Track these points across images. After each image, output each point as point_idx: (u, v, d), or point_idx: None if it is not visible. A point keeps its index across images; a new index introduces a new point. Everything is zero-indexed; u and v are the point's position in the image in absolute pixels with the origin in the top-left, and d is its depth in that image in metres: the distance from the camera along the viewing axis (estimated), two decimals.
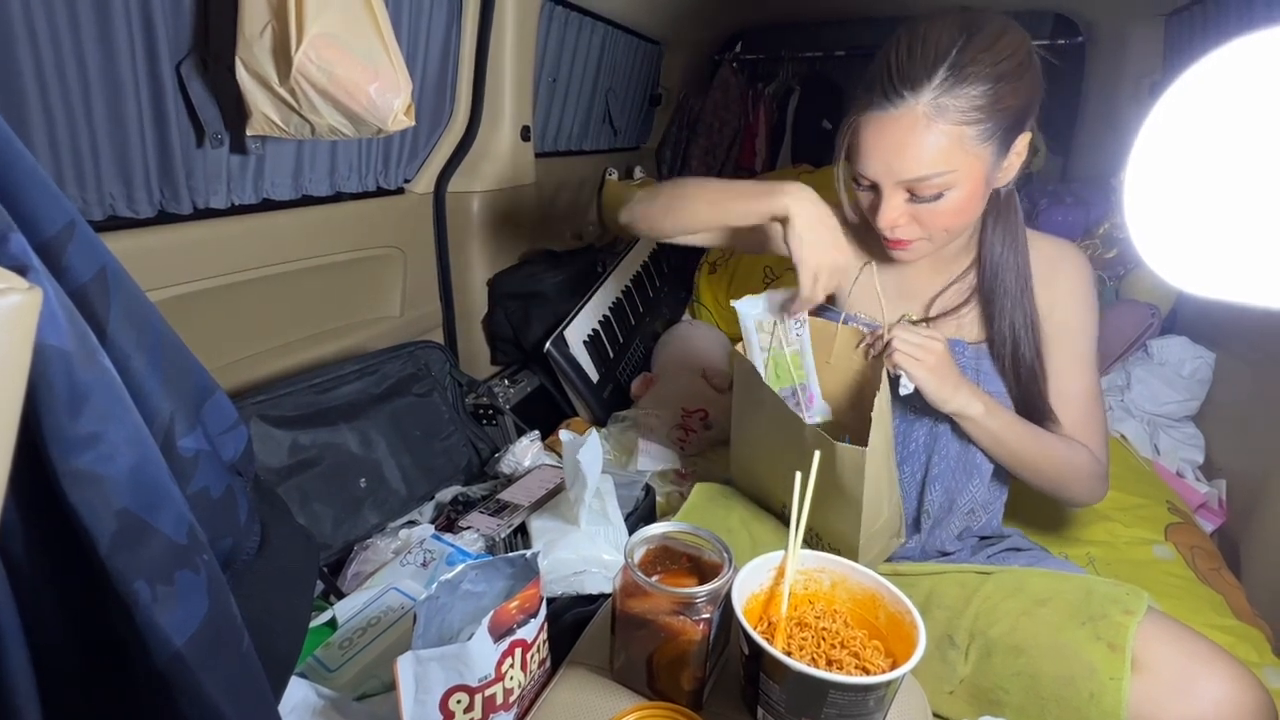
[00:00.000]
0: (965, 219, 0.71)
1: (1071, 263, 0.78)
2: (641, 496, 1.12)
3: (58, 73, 0.79)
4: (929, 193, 0.68)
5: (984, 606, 0.73)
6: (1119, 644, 0.64)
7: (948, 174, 0.66)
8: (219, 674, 0.38)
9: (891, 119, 0.65)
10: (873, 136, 0.67)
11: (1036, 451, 0.75)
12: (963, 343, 0.79)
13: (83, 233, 0.39)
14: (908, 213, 0.70)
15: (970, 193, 0.68)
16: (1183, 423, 1.51)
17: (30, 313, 0.26)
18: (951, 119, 0.64)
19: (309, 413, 1.08)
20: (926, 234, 0.72)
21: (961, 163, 0.66)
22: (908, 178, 0.67)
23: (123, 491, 0.33)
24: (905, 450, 0.82)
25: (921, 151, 0.65)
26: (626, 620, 0.60)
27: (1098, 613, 0.67)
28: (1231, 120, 0.33)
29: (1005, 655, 0.69)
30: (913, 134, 0.65)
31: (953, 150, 0.65)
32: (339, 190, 1.24)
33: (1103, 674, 0.63)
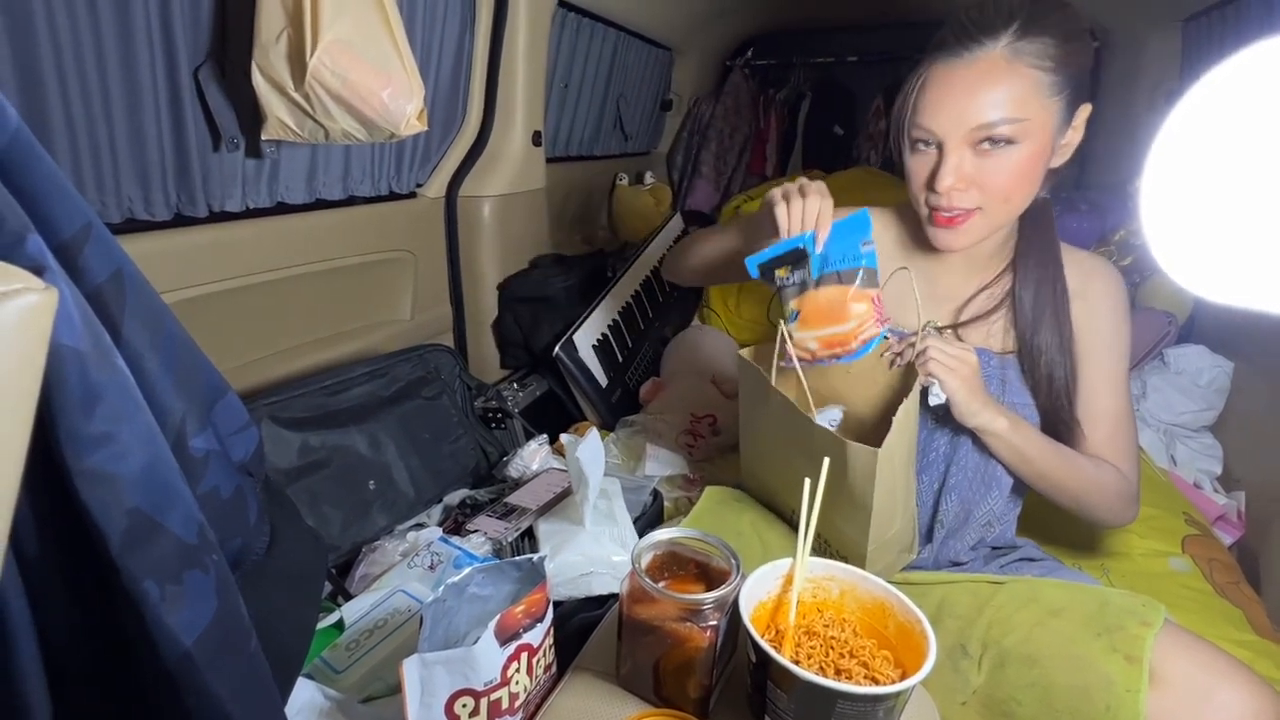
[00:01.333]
0: (1025, 187, 0.69)
1: (1105, 278, 0.77)
2: (649, 501, 1.12)
3: (79, 78, 0.81)
4: (1000, 137, 0.66)
5: (997, 616, 0.72)
6: (1136, 656, 0.62)
7: (1021, 121, 0.65)
8: (226, 674, 0.38)
9: (965, 64, 0.66)
10: (943, 85, 0.67)
11: (1061, 469, 0.74)
12: (989, 352, 0.78)
13: (99, 234, 0.40)
14: (968, 176, 0.68)
15: (1035, 153, 0.67)
16: (1200, 433, 1.48)
17: (46, 313, 0.27)
18: (1028, 62, 0.65)
19: (319, 414, 1.09)
20: (982, 204, 0.69)
21: (1035, 112, 0.66)
22: (981, 121, 0.66)
23: (134, 491, 0.33)
24: (924, 459, 0.81)
25: (997, 94, 0.65)
26: (633, 626, 0.59)
27: (1114, 624, 0.66)
28: (1249, 126, 0.32)
29: (1019, 666, 0.68)
30: (989, 76, 0.65)
31: (1028, 96, 0.65)
32: (352, 194, 1.26)
33: (1120, 686, 0.61)
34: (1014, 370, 0.78)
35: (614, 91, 2.08)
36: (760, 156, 2.59)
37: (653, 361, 1.81)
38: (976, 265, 0.80)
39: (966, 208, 0.70)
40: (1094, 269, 0.77)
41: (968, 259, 0.80)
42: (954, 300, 0.81)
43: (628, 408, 1.61)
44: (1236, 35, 1.54)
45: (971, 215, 0.70)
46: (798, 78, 2.60)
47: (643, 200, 2.31)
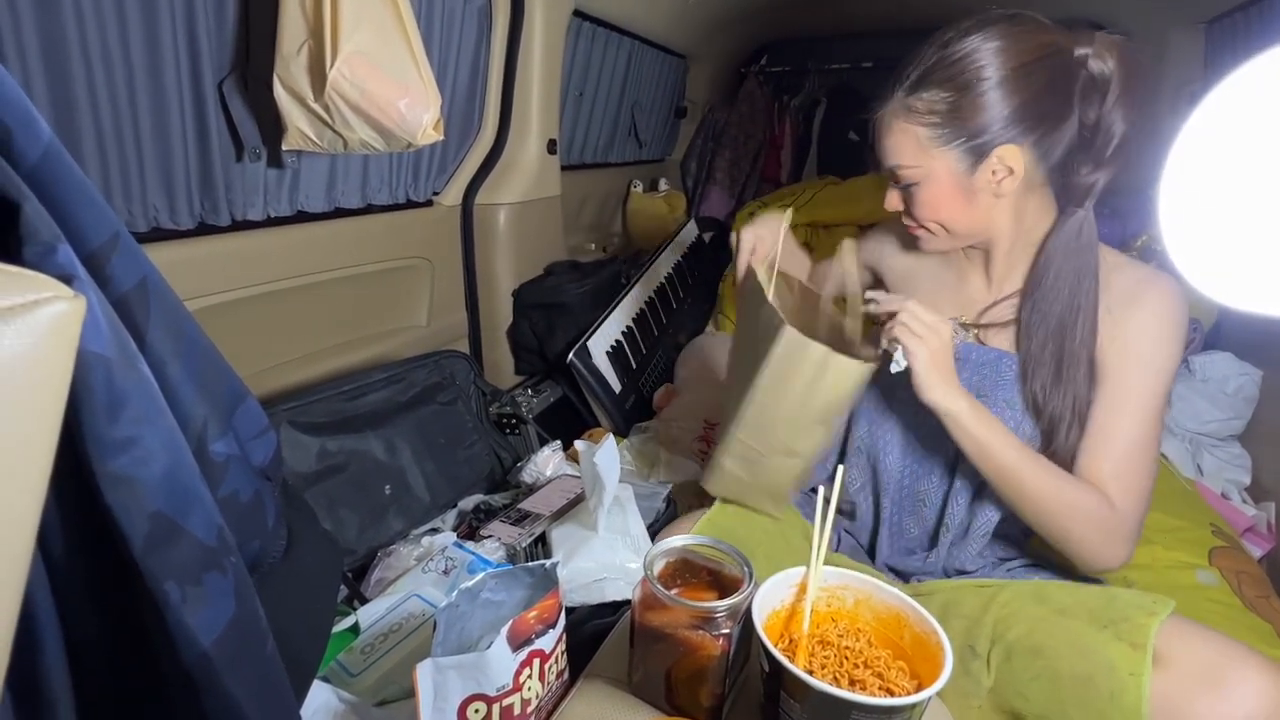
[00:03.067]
0: (946, 215, 0.75)
1: (1157, 295, 0.71)
2: (663, 508, 1.12)
3: (108, 92, 0.83)
4: (900, 182, 0.75)
5: (1003, 613, 0.71)
6: (1140, 642, 0.61)
7: (911, 168, 0.73)
8: (243, 675, 0.38)
9: (878, 114, 0.75)
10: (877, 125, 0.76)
11: (1028, 475, 0.69)
12: (1013, 358, 0.77)
13: (126, 244, 0.41)
14: (900, 204, 0.78)
15: (939, 193, 0.73)
16: (1227, 442, 1.45)
17: (74, 320, 0.28)
18: (913, 118, 0.71)
19: (337, 420, 1.10)
20: (925, 224, 0.76)
21: (923, 161, 0.72)
22: (887, 165, 0.75)
23: (156, 494, 0.34)
24: (931, 461, 0.81)
25: (893, 144, 0.73)
26: (645, 633, 0.59)
27: (1119, 616, 0.64)
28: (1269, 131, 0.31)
29: (1024, 657, 0.67)
30: (882, 128, 0.74)
31: (911, 147, 0.72)
32: (370, 202, 1.28)
33: (1122, 670, 0.60)
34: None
35: (628, 99, 2.09)
36: (775, 163, 2.59)
37: (666, 368, 1.81)
38: (996, 270, 0.80)
39: (911, 225, 0.78)
40: (1147, 284, 0.72)
41: (986, 264, 0.81)
42: (980, 302, 0.82)
43: (641, 414, 1.61)
44: (1261, 36, 1.52)
45: (920, 229, 0.78)
46: (812, 84, 2.60)
47: (657, 207, 2.32)
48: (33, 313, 0.26)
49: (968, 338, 0.81)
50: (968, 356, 0.79)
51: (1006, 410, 0.75)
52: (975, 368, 0.78)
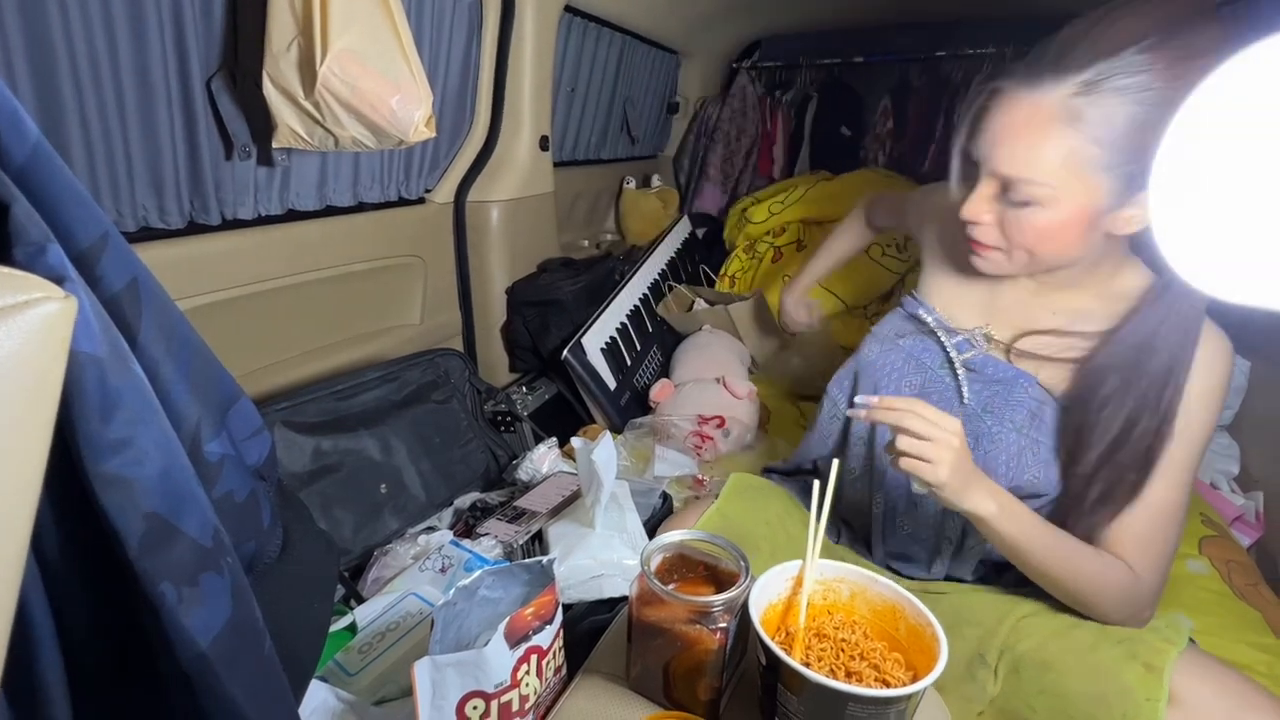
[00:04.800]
0: (1055, 250, 0.63)
1: (1213, 357, 0.63)
2: (659, 504, 1.12)
3: (95, 90, 0.82)
4: (1018, 196, 0.61)
5: (1018, 626, 0.70)
6: (1157, 665, 0.60)
7: (1044, 188, 0.58)
8: (242, 675, 0.38)
9: (1019, 100, 0.59)
10: (995, 114, 0.61)
11: (1057, 564, 0.64)
12: (1033, 380, 0.70)
13: (116, 244, 0.40)
14: (994, 212, 0.63)
15: (1065, 222, 0.60)
16: (1217, 433, 1.46)
17: (66, 321, 0.27)
18: (1073, 127, 0.56)
19: (331, 419, 1.10)
20: (1004, 247, 0.64)
21: (1066, 183, 0.58)
22: (1003, 171, 0.60)
23: (151, 495, 0.34)
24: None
25: (1029, 150, 0.58)
26: (643, 628, 0.59)
27: (1134, 634, 0.64)
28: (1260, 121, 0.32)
29: (1033, 671, 0.66)
30: (1028, 127, 0.58)
31: (1062, 165, 0.58)
32: (361, 200, 1.27)
33: (1139, 694, 0.59)
34: (1052, 412, 0.69)
35: (620, 95, 2.09)
36: (767, 158, 2.59)
37: (661, 364, 1.81)
38: (1044, 285, 0.71)
39: (988, 242, 0.66)
40: (1210, 339, 0.63)
41: (1038, 282, 0.71)
42: (1018, 318, 0.73)
43: (636, 410, 1.61)
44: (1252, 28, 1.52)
45: (994, 251, 0.66)
46: (804, 79, 2.60)
47: (650, 203, 2.32)
48: (24, 313, 0.26)
49: (988, 349, 0.74)
50: (983, 369, 0.73)
51: (1012, 434, 0.70)
52: (988, 382, 0.72)
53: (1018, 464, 0.69)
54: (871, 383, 0.82)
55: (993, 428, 0.71)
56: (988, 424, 0.72)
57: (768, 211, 2.21)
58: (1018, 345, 0.72)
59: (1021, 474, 0.69)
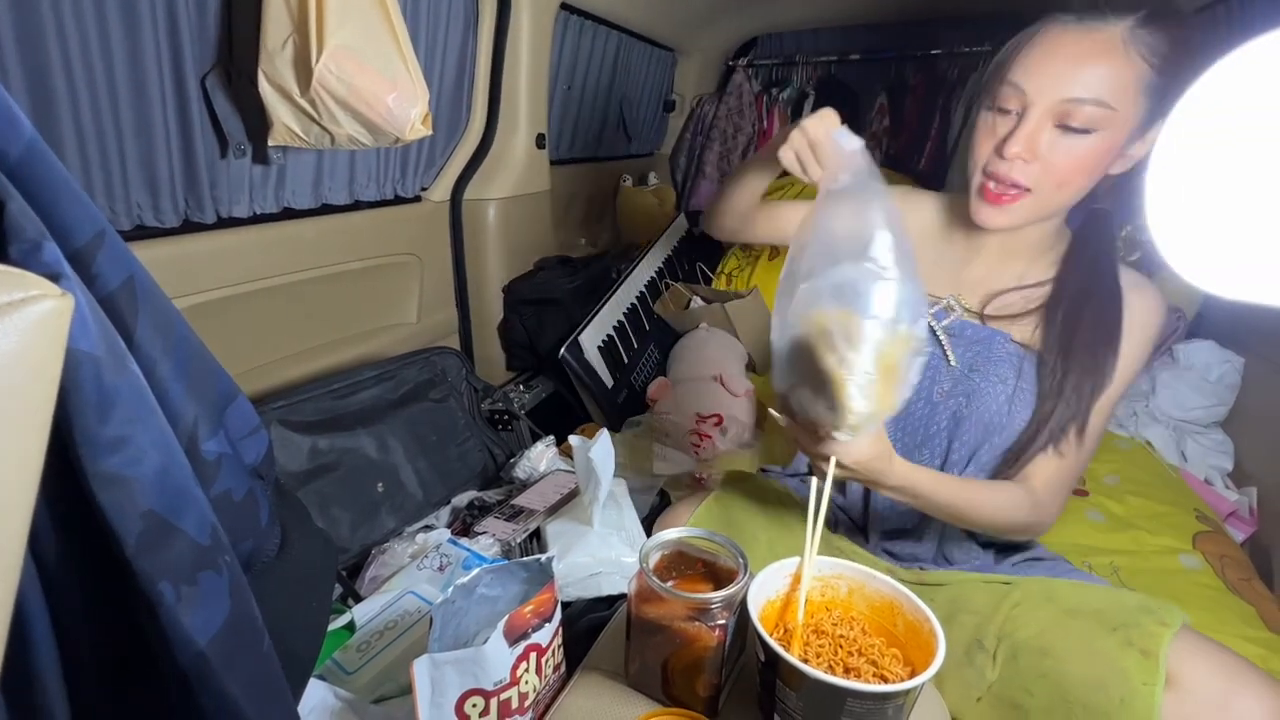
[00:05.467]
0: (1081, 180, 0.69)
1: (1143, 301, 0.73)
2: (657, 502, 1.12)
3: (88, 88, 0.82)
4: (1080, 122, 0.65)
5: (1014, 613, 0.72)
6: (1152, 650, 0.62)
7: (1108, 111, 0.64)
8: (240, 674, 0.38)
9: (1081, 32, 0.65)
10: (1053, 46, 0.66)
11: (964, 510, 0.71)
12: (1007, 336, 0.77)
13: (112, 241, 0.40)
14: (1037, 150, 0.67)
15: (1106, 149, 0.66)
16: (1210, 429, 1.47)
17: (62, 319, 0.27)
18: (1141, 51, 0.64)
19: (328, 418, 1.09)
20: (1037, 185, 0.69)
21: (1125, 104, 0.64)
22: (1073, 95, 0.64)
23: (149, 493, 0.34)
24: (920, 438, 0.81)
25: (1100, 70, 0.64)
26: (642, 626, 0.60)
27: (1130, 620, 0.65)
28: (1255, 118, 0.32)
29: (1031, 656, 0.67)
30: (1100, 50, 0.64)
31: (1127, 85, 0.64)
32: (357, 199, 1.27)
33: (1135, 679, 0.61)
34: (1031, 364, 0.76)
35: (617, 93, 2.09)
36: None
37: (658, 362, 1.81)
38: (1012, 255, 0.79)
39: (1022, 184, 0.69)
40: (1137, 285, 0.74)
41: (1004, 251, 0.79)
42: (984, 286, 0.80)
43: (633, 408, 1.61)
44: (1244, 28, 1.53)
45: (1021, 196, 0.70)
46: (800, 77, 2.60)
47: (646, 201, 2.32)
48: (20, 311, 0.26)
49: (964, 315, 0.80)
50: (961, 332, 0.79)
51: (999, 385, 0.76)
52: (969, 343, 0.78)
53: (1008, 412, 0.75)
54: None
55: (980, 384, 0.77)
56: (976, 381, 0.77)
57: None
58: (987, 310, 0.79)
59: (1013, 421, 0.75)
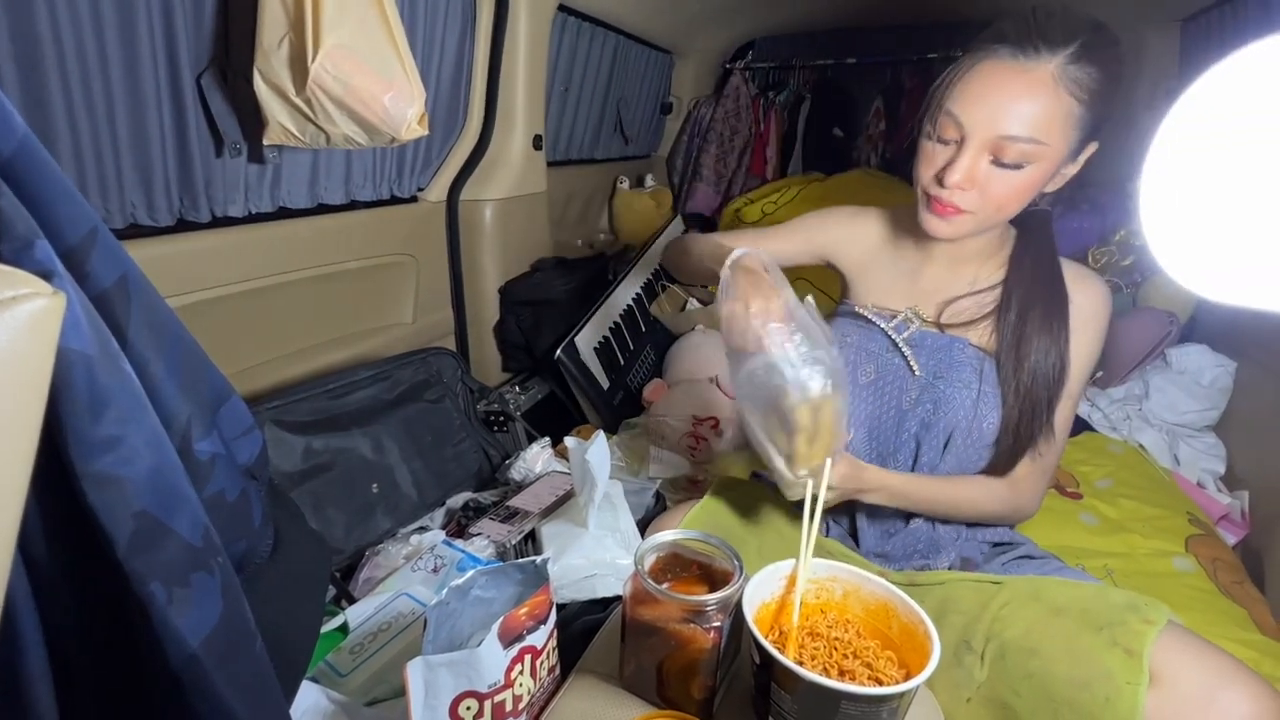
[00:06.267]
0: (1018, 203, 0.72)
1: (1088, 294, 0.77)
2: (652, 504, 1.12)
3: (82, 85, 0.81)
4: (1012, 158, 0.67)
5: (1001, 612, 0.72)
6: (1136, 649, 0.62)
7: (1041, 146, 0.66)
8: (233, 676, 0.38)
9: (1017, 69, 0.66)
10: (988, 83, 0.67)
11: (945, 508, 0.80)
12: (965, 341, 0.80)
13: (105, 240, 0.40)
14: (974, 179, 0.70)
15: (1039, 178, 0.69)
16: (1203, 433, 1.48)
17: (54, 317, 0.27)
18: (1070, 88, 0.65)
19: (322, 418, 1.09)
20: (977, 209, 0.71)
21: (1055, 139, 0.67)
22: (1007, 133, 0.66)
23: (141, 493, 0.34)
24: (897, 441, 0.83)
25: (1033, 110, 0.65)
26: (636, 628, 0.59)
27: (1115, 619, 0.66)
28: (1249, 124, 0.32)
29: (1018, 656, 0.68)
30: (1031, 90, 0.65)
31: (1057, 121, 0.66)
32: (353, 199, 1.26)
33: (1119, 678, 0.61)
34: (991, 366, 0.79)
35: (614, 95, 2.09)
36: (761, 159, 2.60)
37: (654, 364, 1.81)
38: (961, 261, 0.82)
39: (963, 206, 0.71)
40: (1082, 278, 0.78)
41: (953, 256, 0.82)
42: (939, 294, 0.83)
43: (629, 410, 1.61)
44: (1235, 34, 1.55)
45: (963, 213, 0.72)
46: (797, 80, 2.61)
47: (643, 203, 2.32)
48: (11, 309, 0.25)
49: (924, 326, 0.83)
50: (922, 342, 0.81)
51: (964, 390, 0.78)
52: (931, 352, 0.81)
53: (975, 415, 0.78)
54: None
55: (945, 390, 0.79)
56: (941, 389, 0.79)
57: (761, 212, 2.22)
58: (943, 318, 0.82)
59: (980, 422, 0.78)
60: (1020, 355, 0.75)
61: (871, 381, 0.83)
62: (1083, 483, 1.35)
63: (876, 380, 0.83)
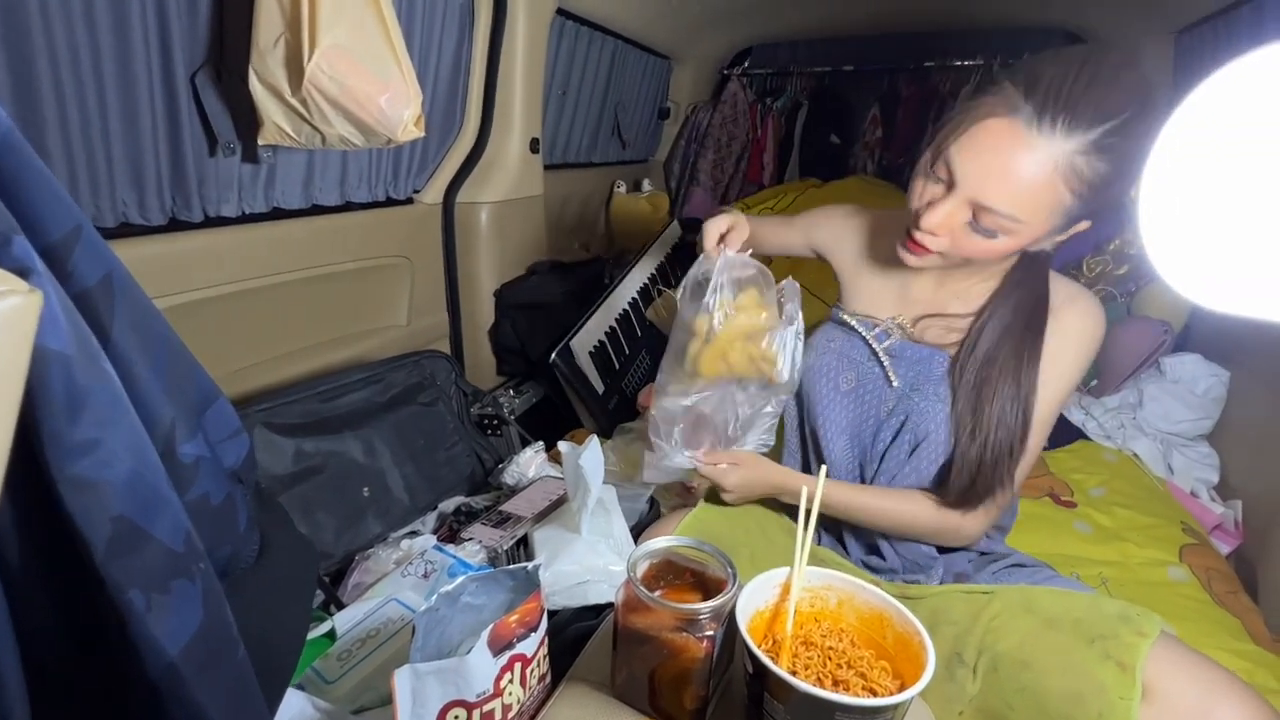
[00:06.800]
0: (987, 261, 0.71)
1: (1079, 314, 0.73)
2: (645, 510, 1.11)
3: (75, 81, 0.81)
4: (988, 224, 0.64)
5: (993, 624, 0.72)
6: (1129, 663, 0.62)
7: (1020, 224, 0.63)
8: (213, 685, 0.37)
9: (1023, 141, 0.60)
10: (989, 144, 0.62)
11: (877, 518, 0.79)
12: (946, 355, 0.78)
13: (89, 237, 0.39)
14: (950, 228, 0.67)
15: (1014, 246, 0.67)
16: (1196, 442, 1.48)
17: (30, 315, 0.26)
18: (1070, 181, 0.61)
19: (313, 420, 1.08)
20: (947, 253, 0.70)
21: (1037, 222, 0.64)
22: (988, 203, 0.63)
23: (120, 498, 0.33)
24: (874, 451, 0.82)
25: (1022, 190, 0.61)
26: (628, 636, 0.59)
27: (1107, 631, 0.65)
28: (1246, 133, 0.32)
29: (1011, 669, 0.67)
30: (1027, 169, 0.61)
31: (1043, 208, 0.63)
32: (348, 200, 1.25)
33: (1112, 693, 0.61)
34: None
35: (612, 99, 2.09)
36: (757, 165, 2.60)
37: (650, 369, 1.80)
38: (949, 279, 0.80)
39: (933, 249, 0.70)
40: (1073, 299, 0.74)
41: (942, 279, 0.80)
42: (922, 305, 0.82)
43: (625, 415, 1.60)
44: (1229, 46, 1.56)
45: (934, 254, 0.71)
46: (794, 87, 2.61)
47: (640, 207, 2.32)
48: None
49: (904, 336, 0.82)
50: (902, 353, 0.81)
51: (937, 403, 0.77)
52: (910, 363, 0.80)
53: (948, 429, 0.76)
54: (811, 386, 0.86)
55: (920, 403, 0.78)
56: (916, 401, 0.78)
57: None
58: (915, 329, 0.81)
59: (949, 439, 0.76)
60: (980, 399, 0.72)
61: (852, 389, 0.83)
62: (1076, 491, 1.35)
63: (857, 388, 0.83)
